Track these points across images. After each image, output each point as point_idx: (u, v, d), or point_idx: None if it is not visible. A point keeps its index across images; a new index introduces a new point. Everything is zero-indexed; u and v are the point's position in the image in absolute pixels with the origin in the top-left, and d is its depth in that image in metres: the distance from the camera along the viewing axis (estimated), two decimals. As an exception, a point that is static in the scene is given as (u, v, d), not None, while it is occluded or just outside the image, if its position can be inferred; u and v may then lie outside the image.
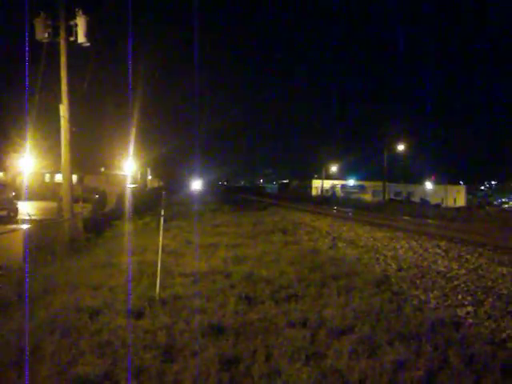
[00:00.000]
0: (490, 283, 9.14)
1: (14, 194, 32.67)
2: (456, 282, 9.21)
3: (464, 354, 5.30)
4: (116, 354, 5.18)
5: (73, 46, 17.12)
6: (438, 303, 7.88)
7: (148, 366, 4.88)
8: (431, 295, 8.37)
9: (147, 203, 30.55)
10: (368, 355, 5.23)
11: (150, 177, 64.64)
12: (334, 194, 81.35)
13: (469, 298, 8.05)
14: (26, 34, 16.14)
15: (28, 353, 5.08)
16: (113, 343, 5.46)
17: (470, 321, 6.91)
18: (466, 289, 8.70)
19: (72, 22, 16.93)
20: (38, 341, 5.47)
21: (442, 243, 13.86)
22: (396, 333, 5.95)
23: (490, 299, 7.91)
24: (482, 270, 10.26)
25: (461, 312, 7.36)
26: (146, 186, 57.08)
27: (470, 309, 7.46)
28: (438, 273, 10.16)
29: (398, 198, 71.43)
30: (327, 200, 59.78)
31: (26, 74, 16.15)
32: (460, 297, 8.20)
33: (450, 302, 7.95)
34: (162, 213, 8.77)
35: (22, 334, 5.69)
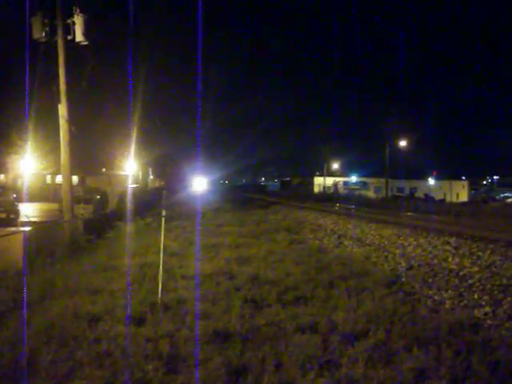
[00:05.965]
0: (505, 281, 8.71)
1: (14, 196, 32.41)
2: (470, 281, 8.84)
3: (488, 361, 4.95)
4: (115, 365, 4.84)
5: (71, 45, 16.83)
6: (453, 303, 7.54)
7: (150, 379, 4.54)
8: (445, 295, 8.03)
9: (149, 203, 30.16)
10: (385, 363, 4.88)
11: (151, 177, 64.23)
12: (336, 190, 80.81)
13: (485, 298, 7.68)
14: (27, 33, 15.85)
15: (22, 365, 4.75)
16: (112, 353, 5.12)
17: (490, 322, 6.57)
18: (481, 287, 8.33)
19: (69, 21, 16.62)
20: (32, 351, 5.14)
21: (452, 239, 13.43)
22: (413, 337, 5.60)
23: (509, 298, 7.51)
24: (496, 268, 9.83)
25: (478, 313, 7.02)
26: (147, 185, 56.71)
27: (488, 309, 7.10)
28: (450, 271, 9.79)
29: (401, 194, 70.84)
30: (330, 197, 59.26)
31: (26, 74, 15.86)
32: (476, 296, 7.84)
33: (466, 302, 7.60)
34: (164, 213, 8.42)
35: (17, 343, 5.36)
